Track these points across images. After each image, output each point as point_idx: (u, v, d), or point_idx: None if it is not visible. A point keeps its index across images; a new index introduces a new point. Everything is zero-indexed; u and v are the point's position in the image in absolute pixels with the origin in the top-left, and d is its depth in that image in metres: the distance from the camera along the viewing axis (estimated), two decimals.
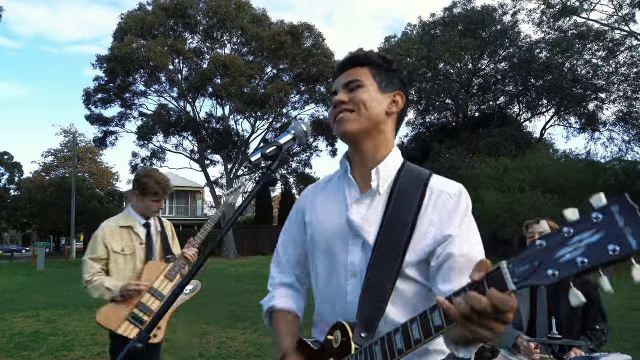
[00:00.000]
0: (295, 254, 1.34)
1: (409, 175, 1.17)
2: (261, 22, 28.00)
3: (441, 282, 1.07)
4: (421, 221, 1.10)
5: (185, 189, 41.44)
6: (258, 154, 1.06)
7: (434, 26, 26.96)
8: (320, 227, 1.23)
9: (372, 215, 1.14)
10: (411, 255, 1.09)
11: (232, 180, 30.15)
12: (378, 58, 1.21)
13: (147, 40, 26.25)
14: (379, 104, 1.17)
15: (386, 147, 1.20)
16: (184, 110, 28.89)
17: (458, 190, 1.14)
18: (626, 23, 24.10)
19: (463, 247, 1.08)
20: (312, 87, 28.80)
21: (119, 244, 2.80)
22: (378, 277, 1.09)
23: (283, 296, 1.30)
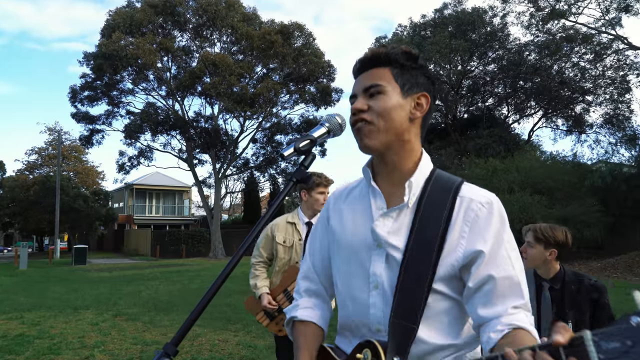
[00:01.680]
0: (322, 260, 1.26)
1: (438, 185, 1.09)
2: (251, 21, 27.83)
3: (481, 306, 0.99)
4: (451, 233, 1.03)
5: (173, 188, 41.10)
6: (291, 148, 0.96)
7: (424, 27, 27.04)
8: (344, 235, 1.16)
9: (399, 229, 1.07)
10: (441, 270, 1.02)
11: (220, 180, 29.93)
12: (402, 55, 1.10)
13: (136, 37, 25.90)
14: (401, 111, 1.07)
15: (412, 155, 1.11)
16: (173, 109, 28.57)
17: (489, 200, 1.05)
18: (612, 27, 24.41)
19: (506, 268, 1.00)
20: (303, 87, 28.70)
21: (282, 236, 3.20)
22: (408, 295, 1.02)
23: (306, 306, 1.23)
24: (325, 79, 28.99)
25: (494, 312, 0.97)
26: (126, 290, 12.02)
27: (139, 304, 9.40)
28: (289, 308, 1.26)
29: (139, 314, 8.23)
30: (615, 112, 24.50)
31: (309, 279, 1.28)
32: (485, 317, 0.98)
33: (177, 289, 12.33)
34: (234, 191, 40.79)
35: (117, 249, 35.39)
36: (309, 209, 3.19)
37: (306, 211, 3.21)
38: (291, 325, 1.23)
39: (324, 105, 29.17)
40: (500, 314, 0.96)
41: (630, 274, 14.28)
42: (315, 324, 1.19)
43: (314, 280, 1.27)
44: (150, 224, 36.88)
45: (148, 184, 39.54)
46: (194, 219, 41.16)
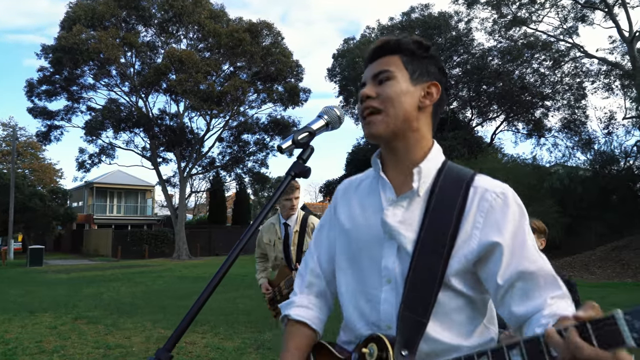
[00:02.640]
0: (328, 253, 1.21)
1: (450, 175, 1.04)
2: (219, 18, 27.41)
3: (518, 304, 0.93)
4: (464, 224, 0.98)
5: (136, 187, 40.03)
6: (289, 140, 0.91)
7: (392, 30, 27.36)
8: (353, 226, 1.11)
9: (410, 219, 1.02)
10: (454, 263, 0.97)
11: (185, 179, 29.35)
12: (412, 44, 1.07)
13: (98, 31, 25.05)
14: (410, 98, 1.04)
15: (422, 145, 1.07)
16: (136, 106, 27.79)
17: (504, 190, 1.00)
18: (570, 36, 25.45)
19: (535, 259, 0.95)
20: (270, 86, 28.50)
21: (268, 237, 3.72)
22: (418, 287, 0.97)
23: (302, 305, 1.17)
24: (293, 78, 28.90)
25: (533, 306, 0.92)
26: (86, 292, 11.59)
27: (100, 307, 9.08)
28: (284, 304, 1.21)
29: (101, 316, 7.94)
30: (572, 117, 25.54)
31: (313, 272, 1.22)
32: (524, 314, 0.92)
33: (140, 290, 11.99)
34: (199, 190, 40.11)
35: (76, 250, 34.15)
36: (282, 212, 3.65)
37: (282, 213, 3.66)
38: (286, 324, 1.18)
39: (291, 105, 29.08)
40: (540, 307, 0.91)
41: (587, 272, 14.89)
42: (308, 326, 1.13)
43: (318, 275, 1.21)
44: (111, 224, 35.77)
45: (109, 183, 38.36)
46: (157, 219, 40.22)
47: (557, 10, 25.57)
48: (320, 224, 1.26)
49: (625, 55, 23.78)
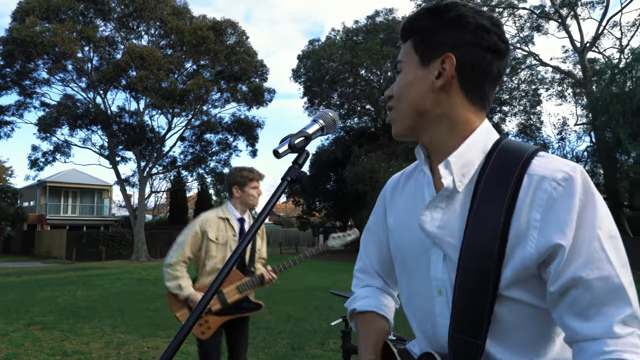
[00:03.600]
0: (377, 255, 1.13)
1: (501, 160, 0.84)
2: (182, 15, 26.85)
3: (572, 317, 0.76)
4: (516, 223, 0.79)
5: (92, 186, 38.64)
6: (286, 145, 0.89)
7: (357, 33, 27.64)
8: (400, 232, 1.00)
9: (451, 222, 0.86)
10: (508, 272, 0.79)
11: (145, 179, 28.56)
12: (423, 18, 0.92)
13: (53, 24, 24.02)
14: (420, 83, 0.89)
15: (457, 130, 0.89)
16: (94, 103, 26.83)
17: (567, 175, 0.78)
18: (526, 44, 26.49)
19: (600, 265, 0.75)
20: (234, 85, 28.16)
21: (215, 233, 3.04)
22: (468, 303, 0.82)
23: (365, 296, 1.12)
24: (257, 78, 28.66)
25: (591, 328, 0.74)
26: (39, 296, 11.07)
27: (55, 311, 8.69)
28: (348, 301, 1.15)
29: (56, 322, 7.61)
30: (528, 123, 26.58)
31: (367, 273, 1.16)
32: (580, 333, 0.75)
33: (97, 293, 11.56)
34: (159, 190, 39.15)
35: (27, 252, 32.58)
36: (242, 204, 3.14)
37: (238, 206, 3.14)
38: (354, 319, 1.12)
39: (256, 105, 28.84)
40: (601, 334, 0.73)
41: None
42: (377, 313, 1.08)
43: (373, 275, 1.15)
44: (66, 225, 34.35)
45: (64, 182, 36.85)
46: (115, 220, 38.96)
47: (514, 20, 26.58)
48: (367, 225, 1.17)
49: (577, 65, 24.98)
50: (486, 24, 0.87)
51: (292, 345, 5.91)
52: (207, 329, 2.99)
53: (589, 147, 22.13)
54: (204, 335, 2.99)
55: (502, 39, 0.89)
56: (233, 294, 3.02)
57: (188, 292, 2.97)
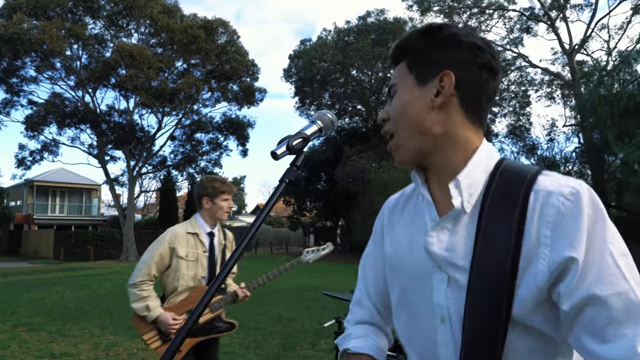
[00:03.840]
0: (376, 284, 1.09)
1: (505, 180, 0.83)
2: (172, 14, 26.65)
3: (590, 338, 0.73)
4: (527, 242, 0.76)
5: (81, 186, 38.23)
6: (283, 146, 0.86)
7: (348, 33, 27.68)
8: (399, 257, 0.96)
9: (459, 244, 0.83)
10: (521, 294, 0.76)
11: (134, 179, 28.33)
12: (417, 39, 0.90)
13: (41, 21, 23.72)
14: (417, 103, 0.88)
15: (458, 148, 0.87)
16: (83, 101, 26.54)
17: (574, 190, 0.76)
18: (516, 45, 26.73)
19: (613, 280, 0.72)
20: (225, 84, 28.04)
21: (185, 250, 2.83)
22: (480, 329, 0.78)
23: (359, 336, 1.07)
24: (248, 78, 28.56)
25: (612, 351, 0.70)
26: (26, 297, 10.92)
27: (42, 313, 8.57)
28: (340, 338, 1.12)
29: (43, 323, 7.50)
30: (517, 124, 26.80)
31: (361, 305, 1.12)
32: (600, 355, 0.72)
33: (85, 294, 11.43)
34: (148, 190, 38.87)
35: (13, 252, 32.16)
36: (211, 218, 2.94)
37: (208, 219, 2.94)
38: (345, 359, 1.08)
39: (247, 105, 28.74)
40: (623, 356, 0.69)
41: None
42: (370, 356, 1.03)
43: (367, 307, 1.11)
44: (53, 225, 33.95)
45: (52, 181, 36.41)
46: (104, 219, 38.58)
47: (504, 21, 26.80)
48: (365, 252, 1.13)
49: (566, 67, 25.26)
50: (480, 43, 0.88)
51: (284, 346, 5.89)
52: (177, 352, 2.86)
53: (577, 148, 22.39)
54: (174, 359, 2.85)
55: (495, 59, 0.89)
56: (205, 314, 2.82)
57: (157, 313, 2.74)
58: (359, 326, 1.10)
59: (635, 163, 15.65)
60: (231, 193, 2.97)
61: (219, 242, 3.00)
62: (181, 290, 2.82)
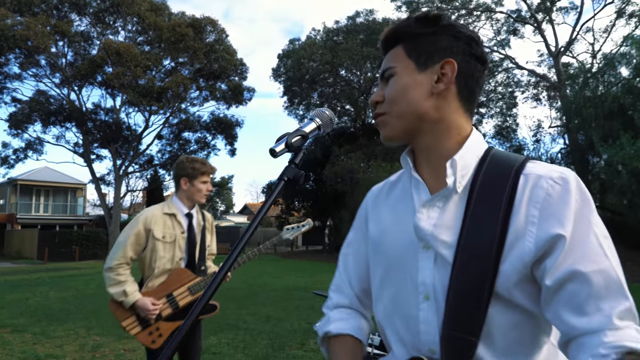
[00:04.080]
0: (357, 270, 1.09)
1: (495, 164, 0.87)
2: (160, 12, 26.45)
3: (569, 312, 0.75)
4: (515, 221, 0.80)
5: (65, 185, 37.71)
6: (282, 144, 0.85)
7: (337, 33, 27.68)
8: (384, 238, 0.98)
9: (447, 221, 0.86)
10: (506, 269, 0.79)
11: (121, 178, 28.01)
12: (415, 25, 0.93)
13: (26, 17, 23.36)
14: (418, 88, 0.90)
15: (452, 134, 0.91)
16: (68, 99, 26.19)
17: (563, 175, 0.81)
18: (503, 47, 26.98)
19: (596, 258, 0.75)
20: (213, 83, 27.89)
21: (161, 231, 2.74)
22: (464, 301, 0.81)
23: (340, 319, 1.06)
24: (237, 77, 28.46)
25: (590, 322, 0.73)
26: (9, 298, 10.73)
27: (26, 314, 8.42)
28: (320, 323, 1.09)
29: (27, 324, 7.37)
30: (504, 125, 27.05)
31: (341, 291, 1.11)
32: (577, 327, 0.74)
33: (70, 295, 11.26)
34: (135, 189, 38.49)
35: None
36: (189, 199, 2.86)
37: (185, 201, 2.86)
38: (326, 343, 1.06)
39: (235, 104, 28.62)
40: (600, 327, 0.72)
41: None
42: (352, 336, 1.03)
43: (347, 294, 1.10)
44: (37, 224, 33.45)
45: (36, 180, 35.84)
46: (89, 219, 38.11)
47: (491, 23, 27.04)
48: (347, 240, 1.14)
49: (552, 69, 25.56)
50: (475, 36, 0.93)
51: (273, 346, 5.87)
52: (158, 336, 2.70)
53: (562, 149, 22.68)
54: (155, 344, 2.69)
55: (485, 53, 0.95)
56: (185, 297, 2.75)
57: (134, 298, 2.66)
58: (339, 310, 1.10)
59: (619, 164, 15.90)
60: (211, 174, 2.90)
61: (197, 223, 2.91)
62: (158, 272, 2.74)
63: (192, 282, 2.77)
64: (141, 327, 2.70)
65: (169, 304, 2.73)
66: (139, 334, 2.71)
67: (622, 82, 18.19)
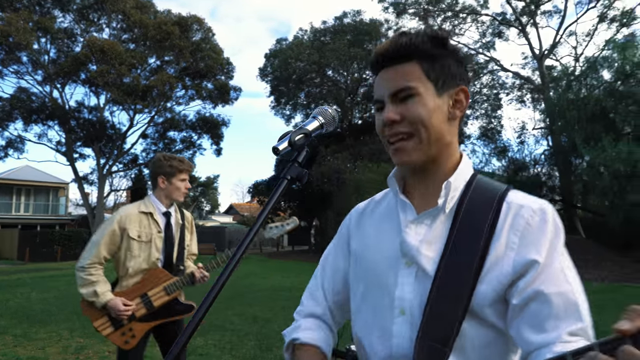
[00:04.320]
0: (333, 283, 1.12)
1: (480, 189, 0.93)
2: (146, 9, 26.18)
3: (529, 329, 0.81)
4: (496, 244, 0.86)
5: (47, 184, 37.06)
6: (285, 142, 0.84)
7: (324, 33, 27.71)
8: (367, 254, 1.01)
9: (433, 238, 0.91)
10: (483, 288, 0.84)
11: (104, 177, 27.63)
12: (429, 43, 0.92)
13: (7, 12, 22.90)
14: (439, 113, 0.91)
15: (451, 158, 0.96)
16: (51, 97, 25.75)
17: (542, 207, 0.89)
18: (488, 49, 27.30)
19: (559, 283, 0.82)
20: (200, 82, 27.68)
21: (137, 230, 2.68)
22: (440, 314, 0.85)
23: (310, 328, 1.07)
24: (223, 76, 28.30)
25: (545, 338, 0.79)
26: None
27: (6, 315, 8.23)
28: (289, 329, 1.10)
29: (8, 326, 7.21)
30: (489, 126, 27.33)
31: (315, 299, 1.13)
32: (534, 343, 0.80)
33: (52, 296, 11.06)
34: (119, 189, 38.02)
35: None
36: (167, 198, 2.80)
37: (163, 200, 2.80)
38: (291, 350, 1.07)
39: (221, 103, 28.45)
40: (552, 341, 0.78)
41: None
42: (319, 349, 1.03)
43: (321, 303, 1.12)
44: (17, 224, 32.81)
45: (16, 179, 35.14)
46: (71, 219, 37.52)
47: (477, 25, 27.35)
48: (326, 252, 1.17)
49: (536, 71, 25.93)
50: (467, 62, 0.97)
51: (260, 347, 5.83)
52: (131, 337, 2.64)
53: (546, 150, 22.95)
54: (128, 344, 2.63)
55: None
56: (160, 297, 2.69)
57: (106, 298, 2.58)
58: (310, 319, 1.11)
59: (601, 166, 16.18)
60: (189, 172, 2.85)
61: (176, 222, 2.85)
62: (133, 272, 2.68)
63: (168, 282, 2.70)
64: (114, 327, 2.64)
65: (144, 304, 2.67)
66: (111, 335, 2.65)
67: (604, 86, 18.53)
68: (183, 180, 2.79)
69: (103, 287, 2.63)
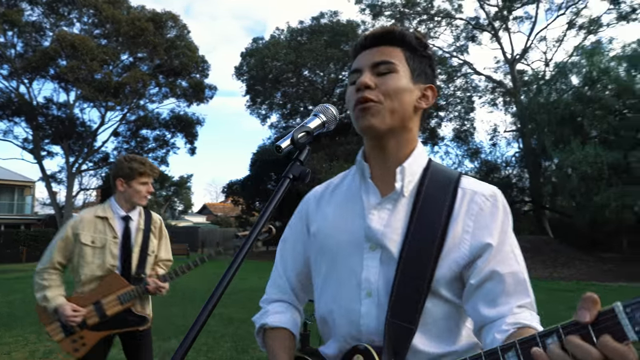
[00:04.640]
0: (295, 268, 1.15)
1: (436, 176, 1.01)
2: (119, 4, 25.57)
3: (484, 305, 0.90)
4: (454, 228, 0.95)
5: (12, 182, 35.83)
6: (288, 139, 0.82)
7: (301, 33, 27.66)
8: (330, 238, 1.04)
9: (396, 222, 0.97)
10: (443, 269, 0.93)
11: (73, 176, 26.89)
12: (415, 39, 1.03)
13: None
14: (409, 96, 0.99)
15: (409, 145, 1.03)
16: (17, 92, 24.90)
17: (493, 192, 0.99)
18: (462, 53, 27.78)
19: (510, 263, 0.93)
20: (174, 80, 27.25)
21: (90, 236, 2.58)
22: (406, 294, 0.92)
23: (277, 312, 1.12)
24: (198, 74, 27.93)
25: (498, 312, 0.89)
26: None
27: None
28: (257, 316, 1.13)
29: None
30: (462, 128, 27.81)
31: (279, 287, 1.17)
32: (488, 317, 0.89)
33: (18, 298, 10.68)
34: (89, 188, 37.06)
35: None
36: (127, 202, 2.67)
37: (123, 203, 2.68)
38: (262, 334, 1.11)
39: (196, 102, 28.08)
40: (504, 314, 0.88)
41: None
42: (288, 330, 1.08)
43: (284, 288, 1.16)
44: None
45: None
46: (38, 218, 36.37)
47: (451, 29, 27.78)
48: (283, 237, 1.20)
49: (508, 75, 26.52)
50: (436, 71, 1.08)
51: (236, 348, 5.76)
52: (81, 345, 2.53)
53: (517, 152, 23.58)
54: (78, 353, 2.52)
55: None
56: (113, 305, 2.56)
57: (55, 303, 2.49)
58: (276, 303, 1.15)
59: (569, 168, 16.66)
60: (152, 176, 2.70)
61: (137, 227, 2.70)
62: (86, 279, 2.57)
63: (122, 291, 2.58)
64: (64, 334, 2.55)
65: (96, 312, 2.55)
66: (62, 341, 2.55)
67: (573, 90, 19.09)
68: (144, 184, 2.66)
69: (54, 292, 2.55)
